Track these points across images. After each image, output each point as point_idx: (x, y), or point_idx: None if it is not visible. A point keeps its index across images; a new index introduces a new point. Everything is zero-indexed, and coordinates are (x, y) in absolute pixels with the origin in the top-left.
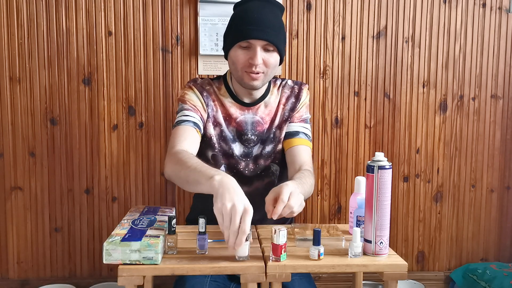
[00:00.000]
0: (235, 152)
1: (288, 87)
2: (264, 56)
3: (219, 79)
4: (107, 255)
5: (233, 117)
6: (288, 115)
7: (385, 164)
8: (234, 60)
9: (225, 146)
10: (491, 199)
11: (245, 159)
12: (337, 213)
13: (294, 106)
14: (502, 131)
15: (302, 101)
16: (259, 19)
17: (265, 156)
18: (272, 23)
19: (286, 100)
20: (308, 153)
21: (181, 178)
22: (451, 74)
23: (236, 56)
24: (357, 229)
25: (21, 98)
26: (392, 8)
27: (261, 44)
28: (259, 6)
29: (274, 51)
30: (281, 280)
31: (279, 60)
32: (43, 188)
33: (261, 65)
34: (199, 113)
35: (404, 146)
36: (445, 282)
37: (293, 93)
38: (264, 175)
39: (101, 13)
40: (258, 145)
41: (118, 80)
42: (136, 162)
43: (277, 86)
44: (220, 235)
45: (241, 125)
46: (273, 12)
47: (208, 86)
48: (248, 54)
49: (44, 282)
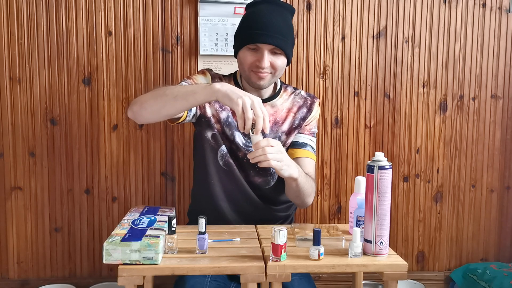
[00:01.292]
0: (236, 139)
1: (301, 97)
2: (272, 59)
3: (230, 76)
4: (107, 255)
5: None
6: (299, 124)
7: (385, 164)
8: (242, 61)
9: (228, 131)
10: (491, 199)
11: (245, 148)
12: (337, 213)
13: (306, 116)
14: (502, 131)
15: (313, 114)
16: (267, 23)
17: None
18: (280, 27)
19: (297, 109)
20: (312, 166)
21: (166, 96)
22: (451, 74)
23: (245, 57)
24: (357, 229)
25: (21, 98)
26: (392, 8)
27: (269, 48)
28: (269, 9)
29: (281, 54)
30: (281, 280)
31: (286, 62)
32: (43, 188)
33: (268, 68)
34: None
35: (404, 146)
36: (445, 282)
37: (305, 104)
38: (262, 173)
39: (101, 13)
40: None
41: (118, 80)
42: (136, 162)
43: (288, 92)
44: (220, 235)
45: None
46: (282, 15)
47: (218, 79)
48: (256, 56)
49: (44, 282)
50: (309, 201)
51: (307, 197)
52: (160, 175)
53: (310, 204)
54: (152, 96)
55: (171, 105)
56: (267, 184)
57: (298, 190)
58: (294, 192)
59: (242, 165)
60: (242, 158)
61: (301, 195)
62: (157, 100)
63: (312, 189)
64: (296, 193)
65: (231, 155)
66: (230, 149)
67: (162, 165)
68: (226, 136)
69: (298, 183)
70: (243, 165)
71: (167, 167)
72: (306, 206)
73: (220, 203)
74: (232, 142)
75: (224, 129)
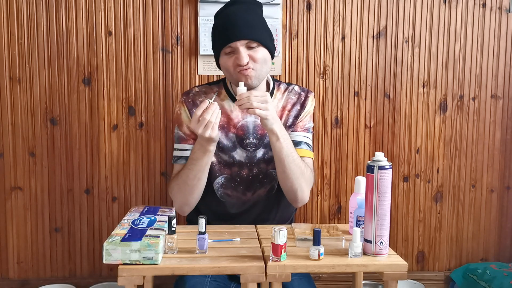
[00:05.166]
0: (236, 159)
1: (295, 93)
2: (250, 53)
3: (219, 83)
4: (107, 255)
5: (233, 122)
6: (292, 122)
7: (385, 164)
8: (225, 67)
9: (224, 156)
10: (491, 199)
11: (249, 164)
12: (337, 213)
13: (299, 113)
14: (502, 131)
15: (306, 109)
16: (234, 21)
17: (267, 160)
18: (249, 20)
19: (291, 107)
20: (309, 162)
21: (184, 182)
22: (451, 74)
23: (225, 63)
24: (357, 229)
25: (21, 98)
26: (392, 8)
27: (242, 43)
28: (234, 9)
29: (259, 46)
30: (281, 280)
31: (268, 54)
32: (43, 188)
33: (249, 63)
34: (191, 141)
35: (404, 146)
36: (445, 282)
37: (299, 100)
38: (267, 182)
39: (101, 13)
40: (260, 149)
41: (118, 80)
42: (136, 162)
43: (281, 91)
44: (220, 235)
45: (242, 130)
46: (248, 10)
47: (203, 97)
48: (234, 57)
49: (44, 282)
50: (300, 185)
51: (296, 180)
52: (160, 175)
53: (303, 197)
54: (176, 187)
55: (191, 184)
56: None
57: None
58: (281, 166)
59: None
60: (246, 176)
61: (287, 171)
62: (182, 191)
63: (301, 172)
64: (283, 167)
65: (234, 181)
66: (232, 174)
67: (162, 165)
68: (225, 162)
69: (282, 145)
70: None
71: (167, 167)
72: (300, 200)
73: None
74: (232, 165)
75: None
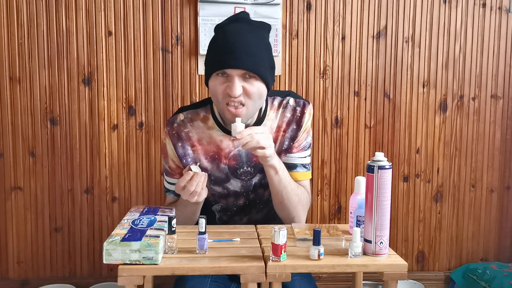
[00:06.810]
0: (231, 190)
1: (290, 108)
2: (244, 85)
3: (206, 105)
4: (107, 255)
5: (224, 153)
6: (288, 145)
7: (385, 164)
8: (213, 92)
9: (218, 188)
10: (491, 199)
11: (245, 193)
12: (337, 213)
13: (295, 135)
14: (502, 131)
15: (303, 128)
16: (235, 45)
17: (264, 185)
18: (251, 48)
19: (287, 126)
20: (305, 186)
21: (178, 216)
22: (451, 74)
23: (215, 86)
24: (357, 229)
25: (21, 98)
26: (392, 8)
27: (239, 73)
28: (237, 29)
29: (255, 79)
30: (281, 280)
31: (264, 89)
32: (43, 188)
33: (241, 96)
34: (177, 175)
35: (404, 146)
36: (445, 282)
37: (294, 117)
38: (263, 207)
39: (101, 13)
40: (256, 176)
41: (118, 80)
42: (136, 162)
43: (275, 108)
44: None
45: (235, 159)
46: (253, 34)
47: (189, 127)
48: (226, 84)
49: (44, 282)
50: (297, 213)
51: (294, 209)
52: (160, 175)
53: (301, 219)
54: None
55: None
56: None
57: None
58: (279, 198)
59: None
60: (243, 204)
61: (285, 201)
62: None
63: (299, 200)
64: (280, 198)
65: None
66: (227, 204)
67: (162, 165)
68: (219, 194)
69: (280, 177)
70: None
71: None
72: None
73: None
74: (228, 196)
75: (214, 189)
